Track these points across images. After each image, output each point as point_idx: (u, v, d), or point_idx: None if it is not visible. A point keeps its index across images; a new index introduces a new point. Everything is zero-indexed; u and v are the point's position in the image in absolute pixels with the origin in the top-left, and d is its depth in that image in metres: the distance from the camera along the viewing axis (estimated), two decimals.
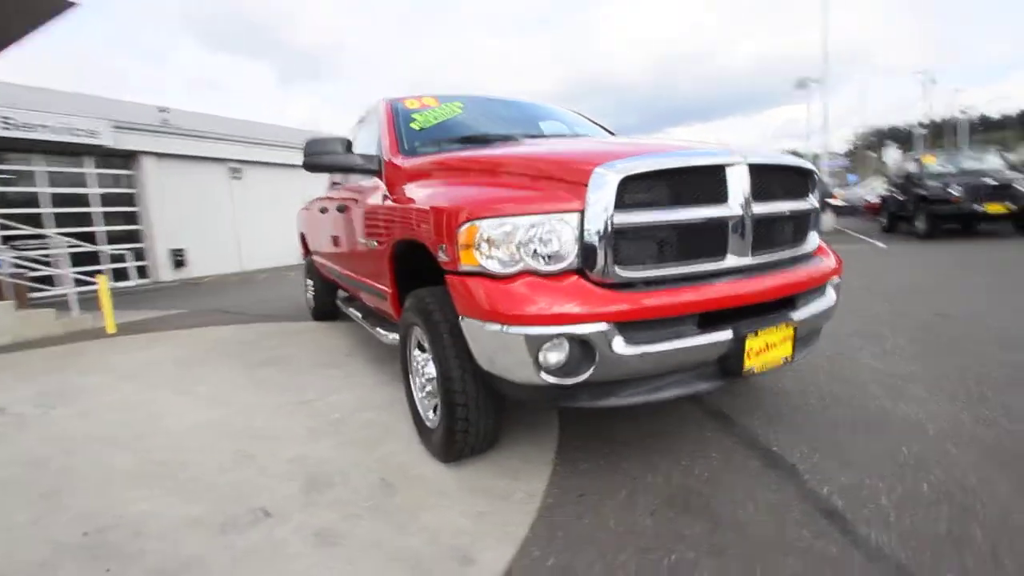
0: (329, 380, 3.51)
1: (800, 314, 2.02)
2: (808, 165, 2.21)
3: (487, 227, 1.72)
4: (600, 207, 1.66)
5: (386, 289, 2.69)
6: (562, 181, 1.76)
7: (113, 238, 13.25)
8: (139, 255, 14.04)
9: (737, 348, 1.79)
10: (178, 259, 15.08)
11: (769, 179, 1.97)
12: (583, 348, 1.64)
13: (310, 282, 5.71)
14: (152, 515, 1.98)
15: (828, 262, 2.28)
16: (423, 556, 1.66)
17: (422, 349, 2.33)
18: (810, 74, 24.70)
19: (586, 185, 1.69)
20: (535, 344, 1.62)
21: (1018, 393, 2.58)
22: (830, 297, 2.25)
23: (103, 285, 6.18)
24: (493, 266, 1.72)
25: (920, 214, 9.84)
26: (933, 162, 10.43)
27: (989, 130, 54.36)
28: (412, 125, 2.87)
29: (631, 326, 1.66)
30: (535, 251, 1.70)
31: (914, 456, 2.05)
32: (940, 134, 46.50)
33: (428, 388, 2.24)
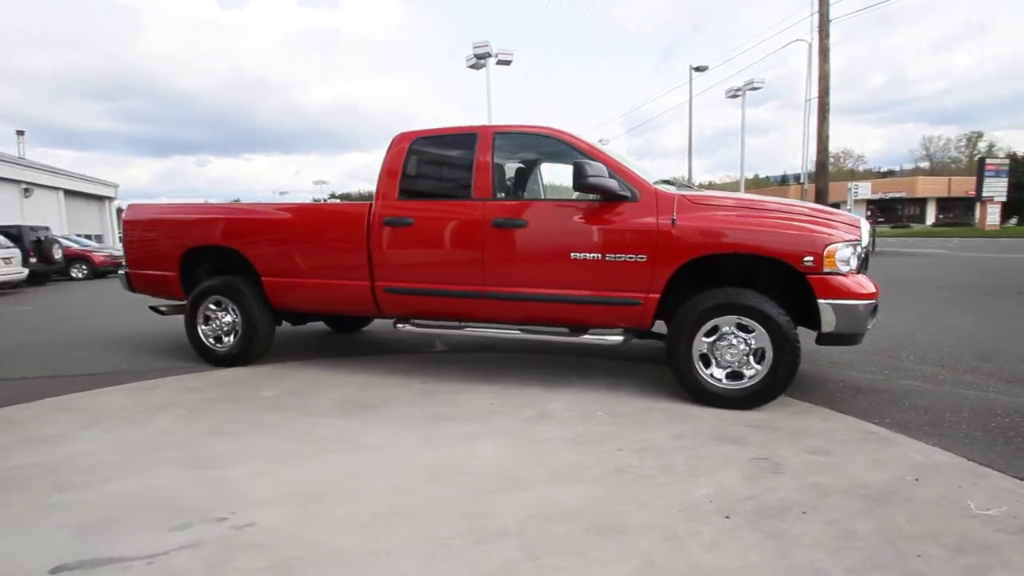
0: (500, 406, 3.45)
1: None
2: None
3: (840, 247, 3.04)
4: (864, 237, 3.26)
5: (645, 296, 3.30)
6: (846, 224, 3.24)
7: None
8: None
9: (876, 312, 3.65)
10: None
11: None
12: (876, 308, 3.18)
13: (227, 317, 4.34)
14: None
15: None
16: (849, 439, 2.78)
17: (711, 334, 3.21)
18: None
19: (859, 227, 3.25)
20: (870, 308, 3.07)
21: None
22: None
23: None
24: (844, 269, 3.05)
25: None
26: None
27: None
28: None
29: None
30: (856, 261, 3.12)
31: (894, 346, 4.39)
32: None
33: (746, 360, 3.16)
